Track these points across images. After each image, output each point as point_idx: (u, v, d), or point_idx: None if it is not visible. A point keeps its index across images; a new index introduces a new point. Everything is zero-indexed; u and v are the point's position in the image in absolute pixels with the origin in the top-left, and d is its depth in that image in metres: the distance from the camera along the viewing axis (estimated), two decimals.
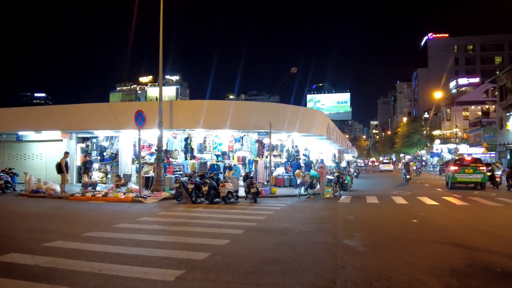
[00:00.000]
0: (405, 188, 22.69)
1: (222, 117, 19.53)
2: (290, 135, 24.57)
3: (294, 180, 21.55)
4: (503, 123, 40.19)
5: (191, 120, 19.42)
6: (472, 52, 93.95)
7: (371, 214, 11.98)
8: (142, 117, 15.92)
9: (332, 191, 17.52)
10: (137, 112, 15.77)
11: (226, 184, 14.21)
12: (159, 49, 17.66)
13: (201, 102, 19.50)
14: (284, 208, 13.01)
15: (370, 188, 23.49)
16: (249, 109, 19.99)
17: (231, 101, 20.55)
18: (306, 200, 16.22)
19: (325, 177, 18.02)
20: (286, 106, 21.17)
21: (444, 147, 65.57)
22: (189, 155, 20.66)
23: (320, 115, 24.20)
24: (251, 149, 21.82)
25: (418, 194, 18.69)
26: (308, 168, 20.91)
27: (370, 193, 19.33)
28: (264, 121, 18.55)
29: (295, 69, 18.51)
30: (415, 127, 76.66)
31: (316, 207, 13.72)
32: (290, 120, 20.65)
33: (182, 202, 14.56)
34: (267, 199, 16.19)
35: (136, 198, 15.07)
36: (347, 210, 12.78)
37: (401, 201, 15.40)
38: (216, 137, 21.25)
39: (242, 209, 12.84)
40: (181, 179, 15.00)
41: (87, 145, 24.04)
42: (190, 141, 20.59)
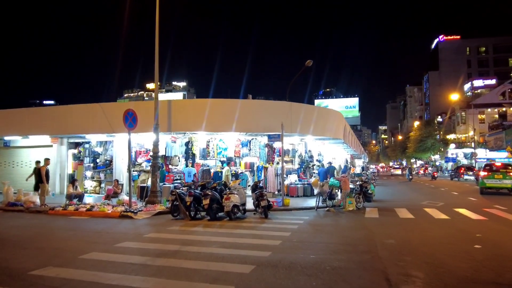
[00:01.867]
0: (434, 197, 20.13)
1: (227, 118, 17.21)
2: (303, 139, 22.17)
3: (309, 189, 19.12)
4: None
5: (192, 122, 17.12)
6: (484, 54, 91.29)
7: (414, 235, 9.48)
8: (133, 117, 13.66)
9: (354, 202, 15.07)
10: (126, 112, 13.51)
11: (231, 197, 11.83)
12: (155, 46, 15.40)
13: (203, 101, 17.22)
14: (302, 227, 10.57)
15: (394, 197, 20.93)
16: (257, 109, 17.67)
17: (237, 100, 18.19)
18: (326, 214, 13.76)
19: (349, 187, 15.58)
20: (299, 105, 18.82)
21: (459, 152, 62.79)
22: (190, 162, 18.31)
23: (336, 115, 21.76)
24: (260, 155, 19.44)
25: (453, 204, 16.18)
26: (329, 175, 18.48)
27: (397, 204, 16.82)
28: (275, 123, 16.19)
29: (310, 62, 16.25)
30: (428, 131, 73.73)
31: (342, 224, 11.26)
32: (303, 122, 18.26)
33: (179, 218, 12.21)
34: (280, 213, 13.76)
35: (124, 213, 12.73)
36: (381, 229, 10.31)
37: (439, 215, 12.90)
38: (221, 141, 18.91)
39: (251, 228, 10.42)
40: (177, 190, 12.64)
41: (79, 151, 21.87)
42: (191, 146, 18.26)
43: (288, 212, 14.16)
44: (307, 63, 16.42)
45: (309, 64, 16.43)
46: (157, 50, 15.44)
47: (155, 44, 15.26)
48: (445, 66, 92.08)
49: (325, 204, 15.42)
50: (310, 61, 16.61)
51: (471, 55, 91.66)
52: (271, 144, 19.38)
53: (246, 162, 20.23)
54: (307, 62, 16.40)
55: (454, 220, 11.84)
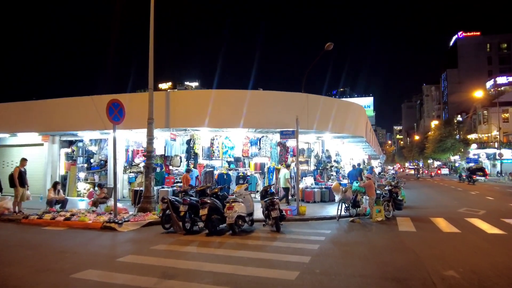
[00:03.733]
0: (468, 202, 17.56)
1: (234, 113, 14.95)
2: (320, 137, 19.80)
3: (327, 194, 16.77)
4: None
5: (194, 117, 14.89)
6: (506, 50, 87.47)
7: (478, 261, 7.08)
8: (120, 109, 11.50)
9: (383, 211, 12.69)
10: (110, 103, 11.35)
11: (235, 205, 9.56)
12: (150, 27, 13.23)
13: (206, 92, 15.03)
14: (325, 247, 8.23)
15: (422, 202, 18.37)
16: (269, 102, 15.33)
17: (245, 91, 15.85)
18: (351, 226, 11.39)
19: (374, 192, 13.19)
20: (316, 98, 16.42)
21: (481, 152, 59.55)
22: (192, 162, 16.10)
23: (357, 109, 19.26)
24: (271, 154, 17.13)
25: (497, 213, 13.80)
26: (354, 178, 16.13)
27: (431, 212, 14.39)
28: (289, 118, 13.87)
29: (331, 45, 13.90)
30: (448, 130, 70.43)
31: (375, 242, 8.87)
32: (321, 116, 15.88)
33: (171, 230, 10.00)
34: (295, 225, 11.44)
35: (107, 223, 10.58)
36: (427, 249, 7.93)
37: (491, 229, 10.48)
38: (227, 139, 16.65)
39: (258, 248, 8.11)
40: (170, 197, 10.40)
41: (72, 150, 19.88)
42: (193, 144, 16.05)
43: (305, 223, 11.82)
44: (327, 46, 14.08)
45: (329, 47, 14.08)
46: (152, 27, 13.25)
47: (150, 25, 13.08)
48: (465, 63, 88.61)
49: (348, 213, 13.10)
50: (330, 43, 14.24)
51: (492, 51, 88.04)
52: (284, 142, 17.07)
53: (256, 163, 17.97)
54: (327, 45, 14.06)
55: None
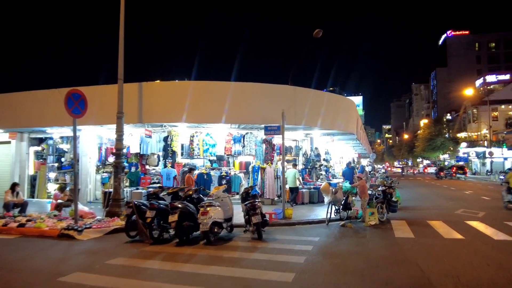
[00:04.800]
0: (464, 203, 16.55)
1: (216, 107, 13.67)
2: (308, 134, 18.64)
3: (316, 194, 15.62)
4: None
5: (171, 111, 13.57)
6: (495, 49, 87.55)
7: (492, 275, 5.96)
8: (81, 101, 10.17)
9: (377, 214, 11.55)
10: (69, 93, 9.99)
11: (210, 210, 8.30)
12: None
13: (184, 84, 13.69)
14: (313, 260, 7.01)
15: (416, 202, 17.26)
16: (253, 95, 14.04)
17: (227, 83, 14.52)
18: (342, 231, 10.23)
19: (367, 193, 12.05)
20: (305, 91, 15.20)
21: (471, 151, 59.25)
22: (170, 161, 14.79)
23: (348, 104, 18.08)
24: (256, 152, 15.90)
25: (498, 215, 12.80)
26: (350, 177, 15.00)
27: (427, 214, 13.35)
28: (275, 112, 12.62)
29: (319, 32, 12.63)
30: (438, 129, 70.01)
31: (370, 252, 7.67)
32: (310, 111, 14.70)
33: (136, 239, 8.72)
34: (280, 230, 10.24)
35: (65, 231, 9.25)
36: (430, 260, 6.78)
37: (496, 234, 9.41)
38: (208, 136, 15.37)
39: (234, 262, 6.86)
40: (136, 201, 9.10)
41: (42, 148, 18.42)
42: (170, 142, 14.73)
43: (291, 229, 10.63)
44: (316, 33, 12.80)
45: (318, 34, 12.81)
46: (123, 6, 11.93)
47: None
48: (454, 62, 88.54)
49: (338, 216, 11.95)
50: (319, 30, 12.92)
51: (481, 50, 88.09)
52: (269, 139, 15.86)
53: (242, 161, 16.74)
54: (315, 32, 12.78)
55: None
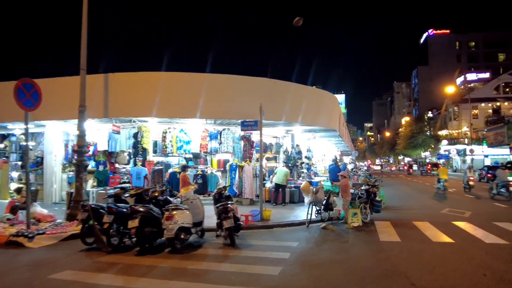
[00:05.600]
0: (449, 201, 16.03)
1: (190, 100, 12.68)
2: (289, 131, 17.85)
3: (297, 193, 14.84)
4: None
5: (141, 105, 12.53)
6: (475, 48, 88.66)
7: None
8: (34, 92, 9.05)
9: (360, 215, 10.82)
10: (20, 83, 8.88)
11: (176, 214, 7.39)
12: None
13: (155, 75, 12.64)
14: (289, 271, 6.19)
15: (400, 201, 16.61)
16: (230, 88, 13.07)
17: (202, 75, 13.52)
18: (323, 234, 9.44)
19: (350, 193, 11.32)
20: (285, 85, 14.34)
21: (452, 148, 59.63)
22: (140, 159, 13.77)
23: (330, 99, 17.27)
24: (234, 150, 15.02)
25: (486, 215, 12.28)
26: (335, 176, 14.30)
27: (413, 214, 12.74)
28: (253, 107, 11.68)
29: (300, 20, 11.71)
30: (419, 127, 70.43)
31: (353, 262, 6.87)
32: (291, 106, 13.87)
33: (94, 247, 7.73)
34: (257, 234, 9.40)
35: (14, 237, 8.20)
36: (421, 271, 6.03)
37: (484, 236, 8.79)
38: (182, 132, 14.38)
39: (199, 275, 5.96)
40: (92, 203, 8.10)
41: (5, 145, 17.15)
42: (141, 138, 13.70)
43: (269, 232, 9.79)
44: (296, 22, 11.89)
45: (298, 23, 11.91)
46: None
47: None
48: (435, 60, 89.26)
49: (319, 217, 11.19)
50: (299, 18, 11.97)
51: (461, 49, 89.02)
52: (248, 136, 14.99)
53: (220, 159, 15.80)
54: (295, 21, 11.85)
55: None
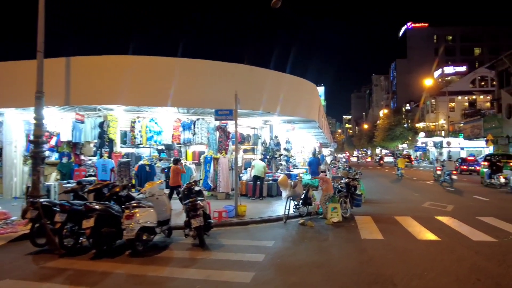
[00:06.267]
0: (429, 194, 15.71)
1: (160, 87, 11.74)
2: (268, 121, 17.15)
3: (275, 186, 14.21)
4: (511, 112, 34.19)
5: (106, 92, 11.49)
6: (452, 42, 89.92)
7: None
8: None
9: (340, 210, 10.24)
10: None
11: (137, 212, 6.59)
12: None
13: (121, 59, 11.60)
14: (262, 277, 5.50)
15: (379, 194, 16.20)
16: (204, 74, 12.15)
17: (173, 59, 12.64)
18: (301, 232, 8.80)
19: (332, 188, 10.72)
20: (263, 72, 13.53)
21: (429, 140, 60.34)
22: (106, 151, 12.81)
23: (310, 88, 16.51)
24: (209, 141, 14.22)
25: (468, 209, 12.00)
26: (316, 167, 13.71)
27: (394, 208, 12.29)
28: (229, 95, 10.85)
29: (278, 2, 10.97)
30: (397, 119, 71.08)
31: (334, 265, 6.22)
32: (269, 95, 13.10)
33: (46, 248, 6.87)
34: (230, 232, 8.69)
35: None
36: (409, 275, 5.45)
37: (470, 233, 8.34)
38: (152, 122, 13.47)
39: (159, 284, 5.19)
40: (42, 201, 7.19)
41: None
42: (107, 128, 12.73)
43: (244, 229, 9.09)
44: (274, 4, 11.12)
45: (276, 5, 11.15)
46: None
47: None
48: (413, 54, 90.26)
49: (298, 212, 10.58)
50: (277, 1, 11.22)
51: (438, 43, 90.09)
52: (224, 126, 14.20)
53: (195, 151, 14.97)
54: (273, 2, 11.10)
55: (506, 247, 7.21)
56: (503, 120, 35.58)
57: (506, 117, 35.08)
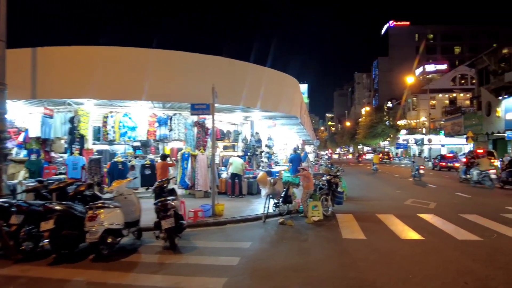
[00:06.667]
0: (411, 191, 15.54)
1: (134, 80, 11.14)
2: (248, 117, 16.71)
3: (256, 184, 13.78)
4: (491, 109, 34.54)
5: (75, 85, 10.81)
6: (433, 41, 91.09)
7: None
8: None
9: (321, 208, 9.88)
10: None
11: (102, 213, 6.07)
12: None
13: (91, 50, 10.91)
14: (235, 284, 5.06)
15: (360, 191, 15.95)
16: (181, 66, 11.55)
17: (148, 50, 12.07)
18: (280, 232, 8.40)
19: (312, 185, 10.35)
20: (243, 65, 13.00)
21: (410, 138, 60.95)
22: (77, 147, 12.14)
23: (292, 83, 16.09)
24: (186, 137, 13.68)
25: (451, 206, 11.82)
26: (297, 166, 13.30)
27: (375, 206, 12.05)
28: (207, 89, 10.36)
29: None
30: (379, 117, 71.62)
31: (313, 269, 5.80)
32: (250, 89, 12.63)
33: (1, 253, 6.28)
34: (205, 233, 8.23)
35: None
36: (395, 282, 5.09)
37: (455, 232, 8.09)
38: (126, 117, 12.84)
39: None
40: (1, 200, 6.60)
41: None
42: (78, 123, 12.05)
43: (220, 230, 8.63)
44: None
45: None
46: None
47: None
48: (395, 52, 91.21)
49: (277, 211, 10.19)
50: None
51: (420, 41, 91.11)
52: (202, 122, 13.69)
53: (173, 148, 14.41)
54: None
55: (497, 245, 6.94)
56: (483, 117, 35.96)
57: (486, 114, 35.44)
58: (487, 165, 17.77)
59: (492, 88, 36.15)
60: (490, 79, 37.52)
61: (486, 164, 17.85)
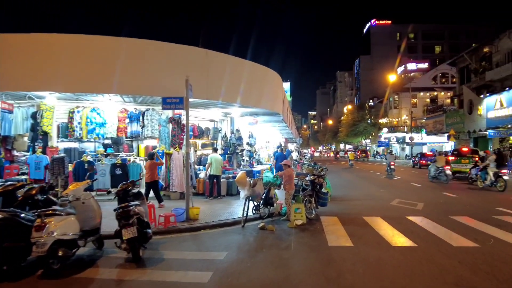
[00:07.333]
0: (397, 190, 15.03)
1: (101, 72, 10.15)
2: (228, 114, 15.93)
3: (235, 186, 13.03)
4: (473, 108, 34.61)
5: (36, 76, 9.77)
6: (414, 40, 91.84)
7: None
8: None
9: (304, 211, 9.19)
10: None
11: (51, 222, 5.20)
12: None
13: (53, 38, 9.89)
14: None
15: (344, 190, 15.39)
16: (153, 57, 10.61)
17: (117, 39, 11.17)
18: (260, 238, 7.65)
19: (294, 185, 9.63)
20: (221, 57, 12.10)
21: (392, 136, 61.14)
22: (40, 145, 11.13)
23: (274, 78, 15.27)
24: (160, 134, 12.79)
25: (438, 206, 11.28)
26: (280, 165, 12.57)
27: (361, 206, 11.48)
28: (181, 81, 9.51)
29: None
30: (361, 115, 71.72)
31: (298, 286, 5.14)
32: (229, 83, 11.82)
33: None
34: (176, 240, 7.42)
35: None
36: None
37: (447, 236, 7.51)
38: (94, 112, 11.86)
39: None
40: None
41: None
42: (41, 119, 11.03)
43: (194, 237, 7.82)
44: None
45: None
46: None
47: None
48: (377, 50, 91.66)
49: (258, 214, 9.46)
50: None
51: (401, 40, 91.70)
52: (177, 118, 12.81)
53: (149, 146, 13.50)
54: None
55: (496, 252, 6.36)
56: (465, 115, 36.04)
57: (467, 113, 35.52)
58: (443, 162, 19.63)
59: (474, 87, 36.23)
60: (471, 78, 37.60)
61: (442, 161, 19.73)
